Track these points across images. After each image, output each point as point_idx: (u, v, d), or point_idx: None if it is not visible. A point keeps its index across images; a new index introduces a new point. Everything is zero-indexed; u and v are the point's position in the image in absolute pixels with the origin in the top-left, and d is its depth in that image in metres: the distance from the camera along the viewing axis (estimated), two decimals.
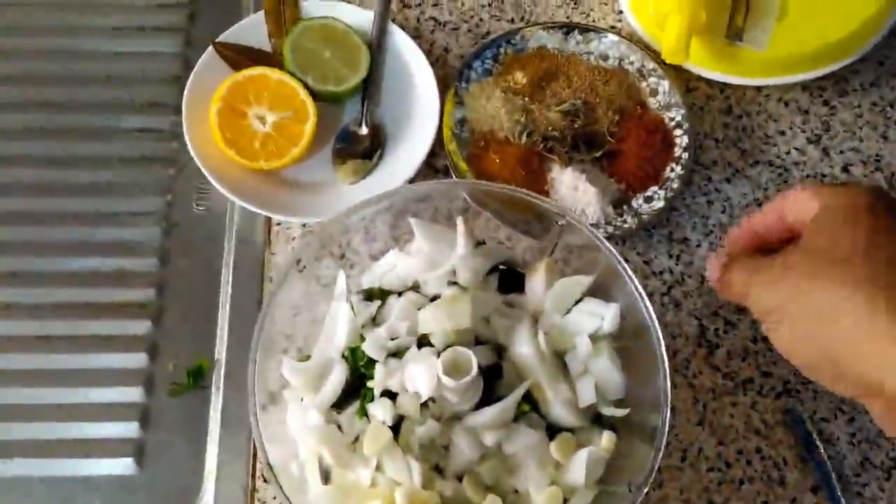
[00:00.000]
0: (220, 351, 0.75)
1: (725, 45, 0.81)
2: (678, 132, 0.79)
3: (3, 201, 0.80)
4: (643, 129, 0.79)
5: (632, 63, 0.83)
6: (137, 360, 0.74)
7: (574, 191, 0.76)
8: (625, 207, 0.78)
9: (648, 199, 0.78)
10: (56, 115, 0.84)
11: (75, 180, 0.81)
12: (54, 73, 0.86)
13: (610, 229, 0.76)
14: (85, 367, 0.74)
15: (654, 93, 0.81)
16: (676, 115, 0.80)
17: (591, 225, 0.74)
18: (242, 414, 0.72)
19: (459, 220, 0.65)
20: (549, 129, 0.79)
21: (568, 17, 0.87)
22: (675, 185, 0.77)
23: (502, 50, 0.82)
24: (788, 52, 0.81)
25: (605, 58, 0.83)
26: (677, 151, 0.79)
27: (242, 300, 0.76)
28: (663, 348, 0.59)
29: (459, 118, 0.80)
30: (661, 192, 0.77)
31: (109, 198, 0.81)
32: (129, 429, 0.72)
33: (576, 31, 0.83)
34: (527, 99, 0.80)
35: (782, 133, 0.83)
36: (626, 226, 0.76)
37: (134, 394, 0.73)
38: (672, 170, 0.78)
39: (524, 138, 0.78)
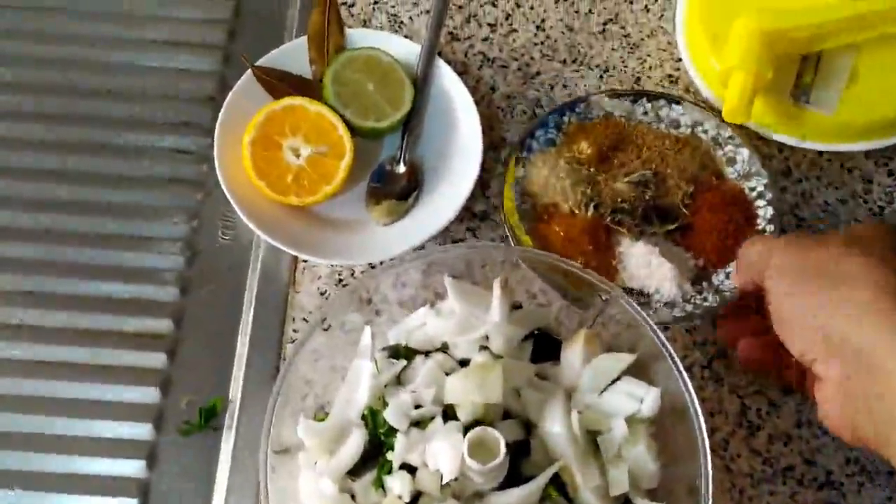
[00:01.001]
0: (235, 391, 0.72)
1: (790, 107, 0.76)
2: (760, 202, 0.74)
3: (24, 217, 0.78)
4: (720, 200, 0.74)
5: (706, 131, 0.77)
6: (149, 394, 0.71)
7: (646, 266, 0.71)
8: (704, 284, 0.72)
9: (730, 275, 0.71)
10: (79, 127, 0.82)
11: (99, 199, 0.79)
12: (85, 85, 0.83)
13: (689, 308, 0.70)
14: (94, 397, 0.71)
15: (732, 161, 0.76)
16: (758, 184, 0.74)
17: (667, 303, 0.71)
18: (253, 460, 0.69)
19: (496, 285, 0.62)
20: (618, 200, 0.74)
21: (623, 61, 0.83)
22: None
23: (566, 118, 0.78)
24: (856, 118, 0.76)
25: (677, 125, 0.78)
26: (760, 223, 0.73)
27: (262, 338, 0.73)
28: (707, 446, 0.55)
29: (521, 190, 0.75)
30: None
31: (132, 220, 0.78)
32: (135, 467, 0.69)
33: (644, 99, 0.78)
34: (593, 169, 0.76)
35: (843, 202, 0.78)
36: (706, 304, 0.70)
37: (143, 430, 0.70)
38: None
39: (590, 210, 0.74)
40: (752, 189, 0.75)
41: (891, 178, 0.79)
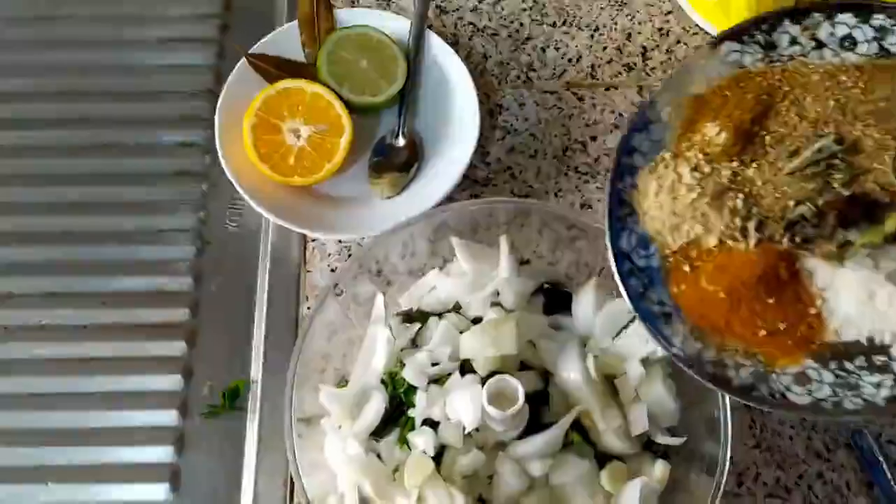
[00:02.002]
0: (256, 371, 0.73)
1: None
2: None
3: (39, 220, 0.79)
4: None
5: None
6: (173, 382, 0.73)
7: (870, 301, 0.46)
8: None
9: None
10: (82, 129, 0.83)
11: (108, 197, 0.80)
12: (85, 88, 0.85)
13: None
14: (118, 389, 0.73)
15: None
16: None
17: None
18: (279, 436, 0.69)
19: (503, 240, 0.63)
20: (791, 205, 0.47)
21: (612, 19, 0.84)
22: None
23: (666, 104, 0.50)
24: None
25: (852, 44, 0.48)
26: None
27: (278, 319, 0.74)
28: None
29: (636, 239, 0.49)
30: None
31: (142, 215, 0.79)
32: (164, 453, 0.70)
33: (787, 21, 0.48)
34: (736, 163, 0.48)
35: None
36: None
37: (169, 417, 0.72)
38: None
39: (753, 235, 0.47)
40: None
41: None
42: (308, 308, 0.73)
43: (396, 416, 0.59)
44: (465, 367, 0.59)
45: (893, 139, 0.46)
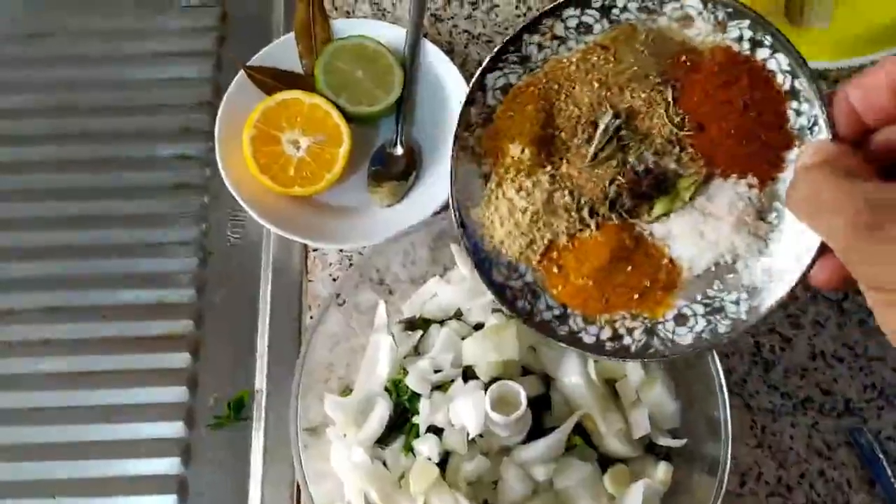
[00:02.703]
0: (260, 381, 0.73)
1: (784, 26, 0.77)
2: (774, 66, 0.45)
3: (39, 235, 0.80)
4: (714, 78, 0.47)
5: (647, 8, 0.49)
6: (178, 393, 0.73)
7: (702, 238, 0.49)
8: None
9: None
10: (82, 145, 0.84)
11: (108, 211, 0.81)
12: (83, 103, 0.86)
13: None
14: (126, 402, 0.73)
15: (718, 26, 0.48)
16: (771, 56, 0.45)
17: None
18: (284, 445, 0.70)
19: None
20: (606, 186, 0.50)
21: None
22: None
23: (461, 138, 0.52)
24: (850, 29, 0.77)
25: (588, 29, 0.50)
26: (798, 112, 0.45)
27: (281, 328, 0.75)
28: (721, 377, 0.56)
29: (504, 268, 0.51)
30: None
31: (144, 228, 0.80)
32: (171, 465, 0.71)
33: (526, 35, 0.50)
34: (550, 168, 0.51)
35: None
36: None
37: (175, 428, 0.72)
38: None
39: (591, 221, 0.50)
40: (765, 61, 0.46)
41: None
42: (311, 317, 0.74)
43: (401, 424, 0.60)
44: (468, 374, 0.60)
45: (658, 93, 0.49)
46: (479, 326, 0.63)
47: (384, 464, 0.59)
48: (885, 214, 0.34)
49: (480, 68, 0.49)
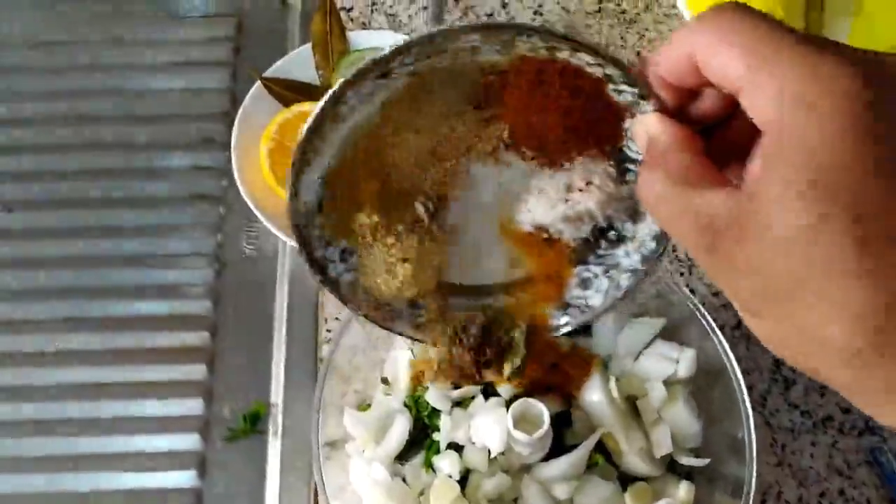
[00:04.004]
0: (277, 394, 0.73)
1: None
2: (594, 70, 0.40)
3: (55, 245, 0.79)
4: (529, 84, 0.43)
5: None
6: (193, 405, 0.73)
7: (572, 217, 0.50)
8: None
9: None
10: (98, 154, 0.83)
11: (123, 222, 0.80)
12: (99, 112, 0.85)
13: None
14: (141, 414, 0.73)
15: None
16: (572, 55, 0.40)
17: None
18: (301, 459, 0.70)
19: None
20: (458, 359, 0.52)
21: (622, 37, 0.84)
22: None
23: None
24: (869, 48, 0.77)
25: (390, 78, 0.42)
26: (619, 92, 0.41)
27: (297, 340, 0.75)
28: (746, 397, 0.56)
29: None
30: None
31: (159, 239, 0.79)
32: (187, 477, 0.71)
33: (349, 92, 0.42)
34: (409, 218, 0.49)
35: None
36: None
37: (191, 441, 0.72)
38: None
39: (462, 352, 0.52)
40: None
41: None
42: (327, 330, 0.74)
43: (421, 440, 0.60)
44: (489, 391, 0.59)
45: (475, 117, 0.46)
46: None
47: (404, 480, 0.58)
48: (716, 234, 0.32)
49: (293, 170, 0.44)
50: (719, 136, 0.37)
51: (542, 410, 0.55)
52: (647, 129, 0.37)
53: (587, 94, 0.42)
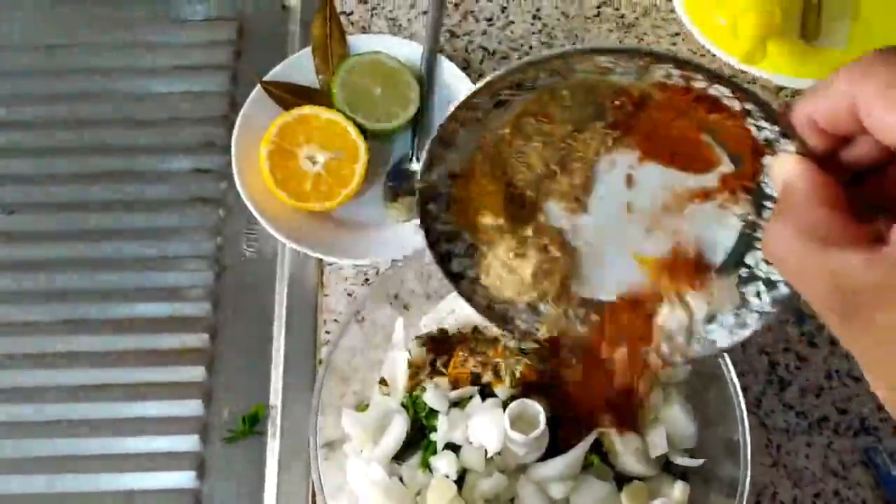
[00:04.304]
0: (276, 396, 0.73)
1: (802, 46, 0.78)
2: (732, 102, 0.40)
3: (55, 248, 0.80)
4: (666, 115, 0.44)
5: None
6: (193, 407, 0.73)
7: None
8: None
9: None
10: (100, 158, 0.84)
11: (124, 225, 0.81)
12: (100, 116, 0.86)
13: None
14: (141, 415, 0.73)
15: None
16: (710, 86, 0.40)
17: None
18: (299, 460, 0.71)
19: None
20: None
21: (620, 42, 0.85)
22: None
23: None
24: (867, 49, 0.77)
25: (523, 88, 0.45)
26: (759, 128, 0.40)
27: (296, 343, 0.75)
28: (741, 399, 0.56)
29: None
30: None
31: (160, 242, 0.80)
32: (186, 478, 0.71)
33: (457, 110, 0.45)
34: (532, 222, 0.51)
35: None
36: None
37: (190, 442, 0.72)
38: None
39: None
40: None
41: None
42: (326, 332, 0.74)
43: (418, 440, 0.60)
44: (486, 391, 0.60)
45: (605, 136, 0.47)
46: (496, 341, 0.63)
47: (401, 479, 0.59)
48: (854, 298, 0.29)
49: (422, 162, 0.47)
50: (871, 183, 0.34)
51: (538, 411, 0.56)
52: (784, 171, 0.34)
53: (726, 126, 0.41)
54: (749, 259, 0.47)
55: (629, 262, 0.50)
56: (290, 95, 0.78)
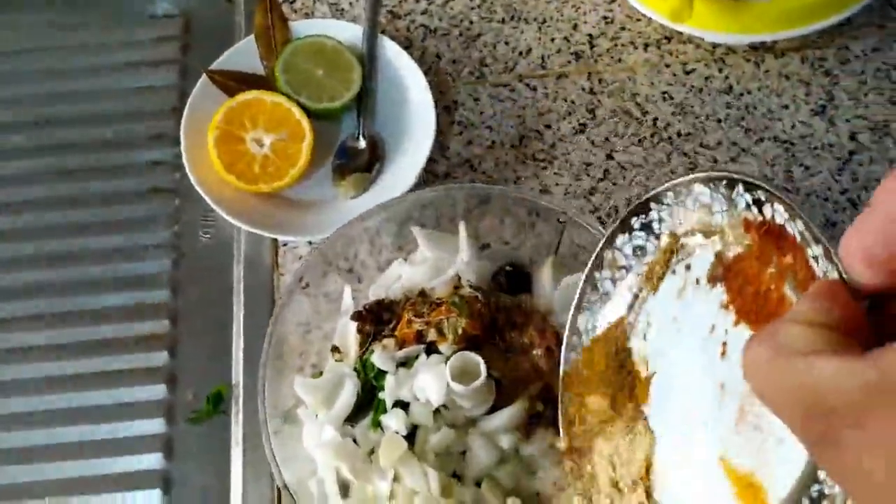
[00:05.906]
0: (237, 375, 0.75)
1: (728, 3, 0.79)
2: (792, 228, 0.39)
3: (16, 245, 0.82)
4: (758, 269, 0.42)
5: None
6: (156, 391, 0.75)
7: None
8: None
9: None
10: (58, 156, 0.86)
11: (82, 219, 0.83)
12: (53, 115, 0.88)
13: None
14: (105, 402, 0.75)
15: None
16: (771, 208, 0.40)
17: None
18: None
19: (461, 225, 0.65)
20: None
21: (559, 11, 0.87)
22: None
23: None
24: (793, 2, 0.79)
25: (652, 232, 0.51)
26: (816, 259, 0.38)
27: (255, 323, 0.77)
28: None
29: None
30: None
31: (117, 234, 0.82)
32: (154, 460, 0.73)
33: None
34: (633, 406, 0.53)
35: (786, 107, 0.81)
36: None
37: (156, 425, 0.74)
38: None
39: None
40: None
41: (827, 77, 0.82)
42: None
43: (369, 401, 0.62)
44: (431, 349, 0.61)
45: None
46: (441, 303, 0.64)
47: (354, 440, 0.60)
48: (829, 421, 0.26)
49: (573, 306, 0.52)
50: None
51: (478, 362, 0.57)
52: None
53: (799, 271, 0.38)
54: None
55: (714, 469, 0.42)
56: (234, 83, 0.80)
